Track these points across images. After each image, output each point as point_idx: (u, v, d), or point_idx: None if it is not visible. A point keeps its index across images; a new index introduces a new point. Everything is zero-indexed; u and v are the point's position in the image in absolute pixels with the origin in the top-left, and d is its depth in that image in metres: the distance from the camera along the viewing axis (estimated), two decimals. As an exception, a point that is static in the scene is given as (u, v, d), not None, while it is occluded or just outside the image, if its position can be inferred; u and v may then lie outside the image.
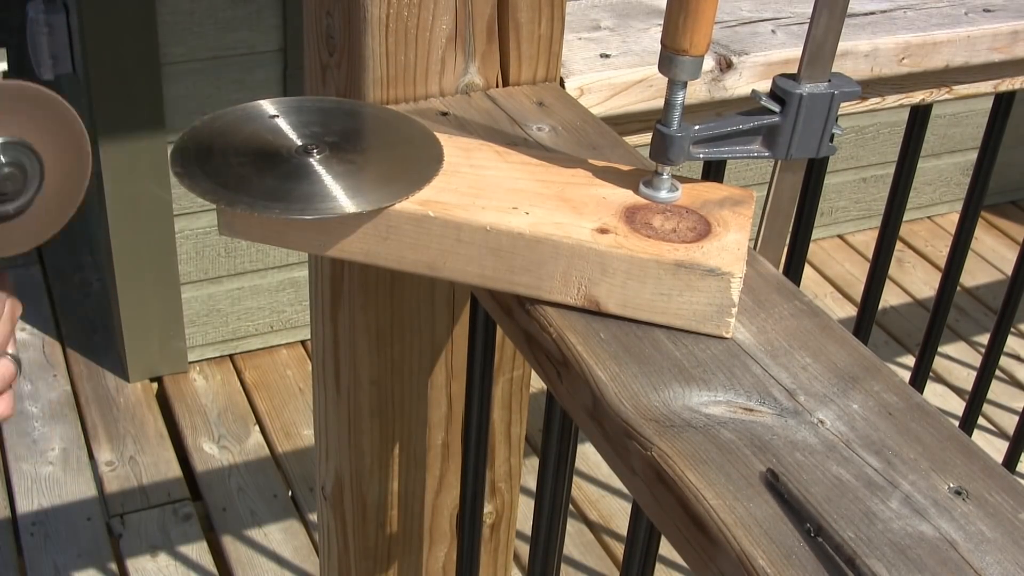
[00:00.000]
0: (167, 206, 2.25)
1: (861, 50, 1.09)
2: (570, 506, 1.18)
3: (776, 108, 0.74)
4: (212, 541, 2.07)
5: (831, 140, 0.77)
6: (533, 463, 2.00)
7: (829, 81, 0.75)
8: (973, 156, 3.09)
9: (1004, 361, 2.56)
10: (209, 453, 2.25)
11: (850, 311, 2.77)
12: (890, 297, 2.83)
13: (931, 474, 0.58)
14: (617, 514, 2.17)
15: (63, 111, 0.62)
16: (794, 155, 0.76)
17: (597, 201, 0.71)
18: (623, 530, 2.08)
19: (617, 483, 2.21)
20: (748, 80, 1.05)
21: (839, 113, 0.76)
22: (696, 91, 1.02)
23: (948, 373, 2.60)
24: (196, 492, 2.17)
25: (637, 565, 0.78)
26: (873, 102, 1.16)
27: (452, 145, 0.78)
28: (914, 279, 2.94)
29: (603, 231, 0.68)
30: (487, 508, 1.10)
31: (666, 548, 0.68)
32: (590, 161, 0.77)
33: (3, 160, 0.61)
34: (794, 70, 0.76)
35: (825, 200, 2.55)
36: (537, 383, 1.82)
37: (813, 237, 1.27)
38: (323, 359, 1.03)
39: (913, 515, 0.55)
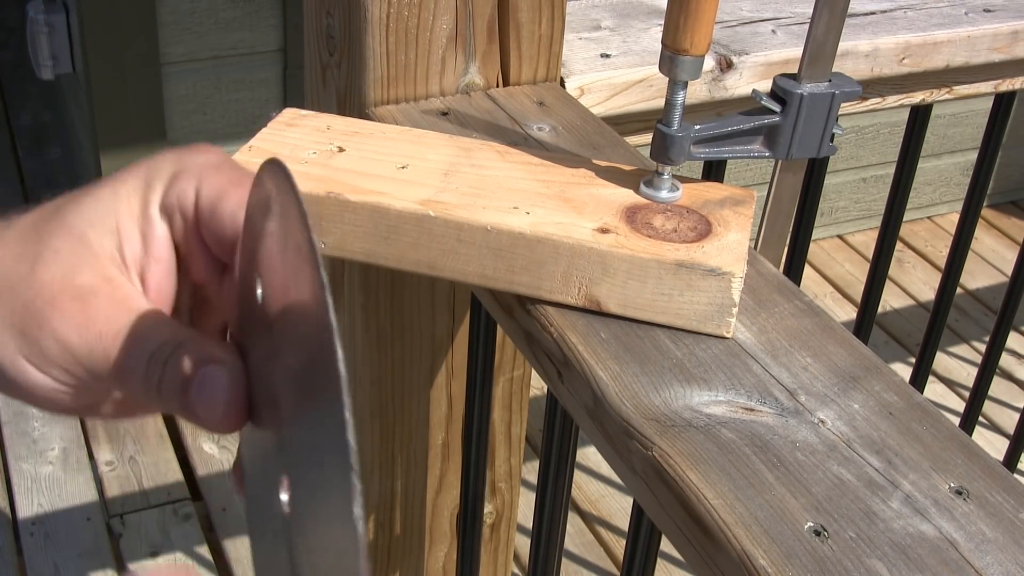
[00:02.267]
0: (167, 206, 2.25)
1: (861, 50, 1.09)
2: (571, 505, 1.18)
3: (776, 108, 0.74)
4: (212, 541, 2.07)
5: (831, 140, 0.77)
6: (534, 464, 2.00)
7: (829, 81, 0.75)
8: (973, 156, 3.09)
9: (1004, 361, 2.56)
10: (209, 453, 2.25)
11: (850, 311, 2.77)
12: (890, 297, 2.83)
13: (932, 474, 0.58)
14: (618, 513, 2.17)
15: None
16: (794, 155, 0.76)
17: (598, 201, 0.71)
18: (624, 529, 2.08)
19: (618, 482, 2.21)
20: (748, 80, 1.05)
21: (839, 113, 0.76)
22: (696, 91, 1.02)
23: (948, 373, 2.60)
24: (196, 492, 2.17)
25: (638, 564, 0.78)
26: (873, 102, 1.16)
27: (453, 145, 0.78)
28: (914, 279, 2.94)
29: (604, 231, 0.68)
30: (487, 508, 1.10)
31: (667, 544, 0.68)
32: (591, 161, 0.77)
33: None
34: (794, 70, 0.76)
35: (825, 200, 2.55)
36: (537, 383, 1.82)
37: (813, 237, 1.27)
38: (323, 359, 1.03)
39: (914, 515, 0.55)
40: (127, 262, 0.44)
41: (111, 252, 0.44)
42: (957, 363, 2.64)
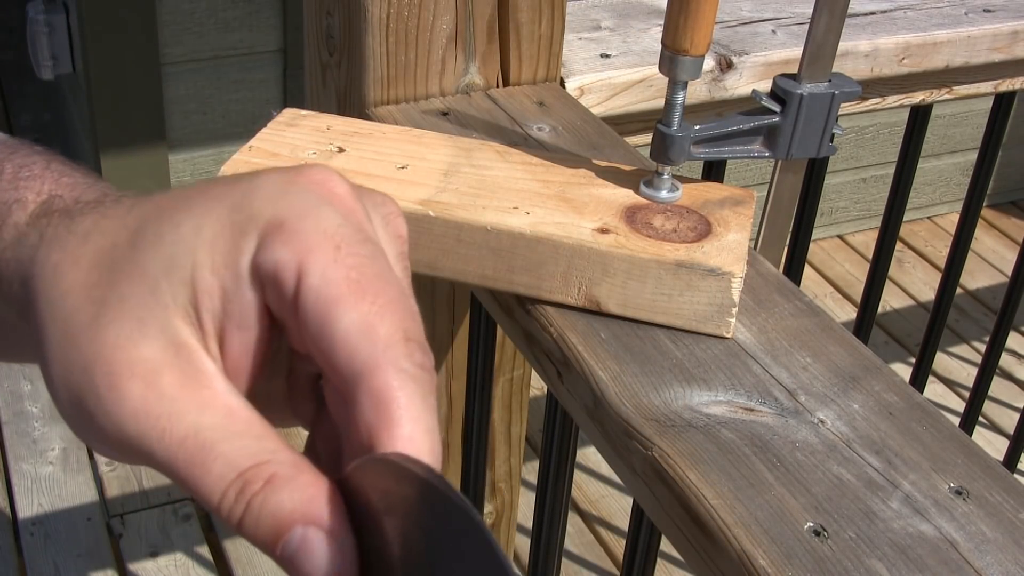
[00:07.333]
0: (167, 206, 2.25)
1: (861, 50, 1.09)
2: (571, 505, 1.18)
3: (776, 108, 0.74)
4: (212, 541, 2.07)
5: (831, 140, 0.77)
6: (534, 464, 2.00)
7: (829, 81, 0.75)
8: (973, 156, 3.08)
9: (1004, 361, 2.56)
10: (209, 453, 2.25)
11: (850, 311, 2.77)
12: (890, 297, 2.83)
13: (932, 474, 0.58)
14: (618, 513, 2.17)
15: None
16: (794, 155, 0.76)
17: (598, 201, 0.71)
18: (624, 529, 2.08)
19: (618, 482, 2.21)
20: (748, 80, 1.05)
21: (839, 113, 0.76)
22: (696, 91, 1.02)
23: (948, 373, 2.60)
24: (196, 492, 2.17)
25: (638, 564, 0.78)
26: (873, 102, 1.16)
27: (453, 145, 0.78)
28: (914, 279, 2.94)
29: (604, 231, 0.68)
30: (487, 508, 1.10)
31: (667, 544, 0.68)
32: (591, 161, 0.77)
33: None
34: (794, 70, 0.76)
35: (825, 200, 2.55)
36: (537, 383, 1.82)
37: (813, 237, 1.27)
38: (323, 359, 1.03)
39: (914, 515, 0.55)
40: (203, 322, 0.35)
41: (184, 308, 0.35)
42: (957, 363, 2.64)
